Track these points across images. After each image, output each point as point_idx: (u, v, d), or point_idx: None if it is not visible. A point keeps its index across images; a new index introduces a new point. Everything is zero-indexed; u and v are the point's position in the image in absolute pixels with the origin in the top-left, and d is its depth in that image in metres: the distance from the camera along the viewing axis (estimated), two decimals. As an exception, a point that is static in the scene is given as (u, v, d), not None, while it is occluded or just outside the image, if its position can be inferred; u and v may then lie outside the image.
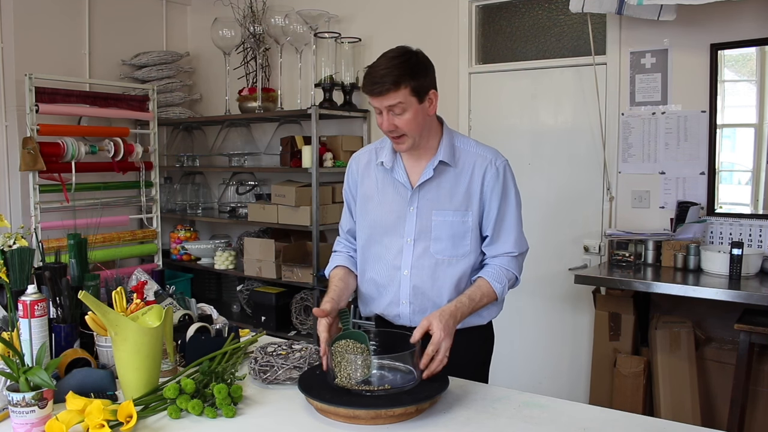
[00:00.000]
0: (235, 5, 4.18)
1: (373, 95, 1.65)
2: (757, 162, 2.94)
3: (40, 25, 3.89)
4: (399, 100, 1.64)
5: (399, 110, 1.65)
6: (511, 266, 1.78)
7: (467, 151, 1.78)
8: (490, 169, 1.75)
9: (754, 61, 2.94)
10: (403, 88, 1.63)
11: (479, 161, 1.77)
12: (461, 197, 1.75)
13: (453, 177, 1.76)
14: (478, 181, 1.75)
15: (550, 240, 3.40)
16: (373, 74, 1.64)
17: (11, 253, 1.77)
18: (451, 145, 1.78)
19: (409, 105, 1.65)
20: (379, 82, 1.62)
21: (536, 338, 3.53)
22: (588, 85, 3.26)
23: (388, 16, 3.87)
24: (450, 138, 1.79)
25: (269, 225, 3.91)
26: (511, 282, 1.79)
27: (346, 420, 1.37)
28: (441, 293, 1.77)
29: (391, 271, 1.80)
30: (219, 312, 2.14)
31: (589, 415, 1.43)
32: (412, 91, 1.65)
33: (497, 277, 1.75)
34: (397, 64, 1.64)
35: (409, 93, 1.64)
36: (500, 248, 1.79)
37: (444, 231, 1.75)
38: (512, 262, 1.79)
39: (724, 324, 2.89)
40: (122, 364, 1.47)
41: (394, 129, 1.68)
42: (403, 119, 1.66)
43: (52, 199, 3.69)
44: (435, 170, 1.75)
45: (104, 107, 3.95)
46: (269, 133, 4.32)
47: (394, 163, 1.80)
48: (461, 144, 1.80)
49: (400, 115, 1.66)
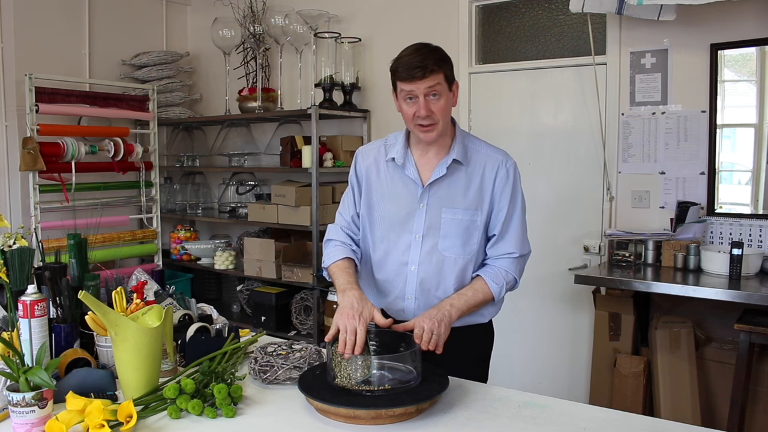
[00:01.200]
0: (235, 5, 4.18)
1: (415, 78, 1.67)
2: (757, 162, 2.94)
3: (40, 25, 3.89)
4: (438, 82, 1.68)
5: (437, 93, 1.69)
6: (510, 268, 1.79)
7: (478, 152, 1.81)
8: (501, 170, 1.78)
9: (754, 61, 2.94)
10: (441, 71, 1.69)
11: (490, 162, 1.79)
12: (472, 196, 1.78)
13: (465, 176, 1.78)
14: (490, 181, 1.78)
15: (550, 240, 3.40)
16: (412, 60, 1.68)
17: (11, 253, 1.77)
18: (463, 145, 1.80)
19: (443, 91, 1.71)
20: (420, 66, 1.66)
21: (536, 338, 3.53)
22: (588, 85, 3.26)
23: (388, 16, 3.87)
24: (462, 138, 1.82)
25: (269, 225, 3.91)
26: (509, 284, 1.81)
27: (346, 420, 1.38)
28: (446, 290, 1.79)
29: (398, 266, 1.82)
30: (219, 312, 2.14)
31: (589, 415, 1.43)
32: (446, 78, 1.70)
33: (495, 278, 1.77)
34: (431, 51, 1.69)
35: (443, 78, 1.70)
36: (502, 248, 1.80)
37: (453, 229, 1.77)
38: (512, 264, 1.80)
39: (724, 324, 2.89)
40: (122, 364, 1.47)
41: (430, 114, 1.70)
42: (438, 104, 1.70)
43: (52, 199, 3.69)
44: (448, 168, 1.77)
45: (104, 107, 3.95)
46: (269, 133, 4.32)
47: (406, 160, 1.81)
48: (472, 144, 1.83)
49: (436, 100, 1.69)
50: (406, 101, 1.72)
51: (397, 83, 1.72)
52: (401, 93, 1.72)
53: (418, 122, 1.72)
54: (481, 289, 1.76)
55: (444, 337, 1.62)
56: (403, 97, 1.72)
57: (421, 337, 1.57)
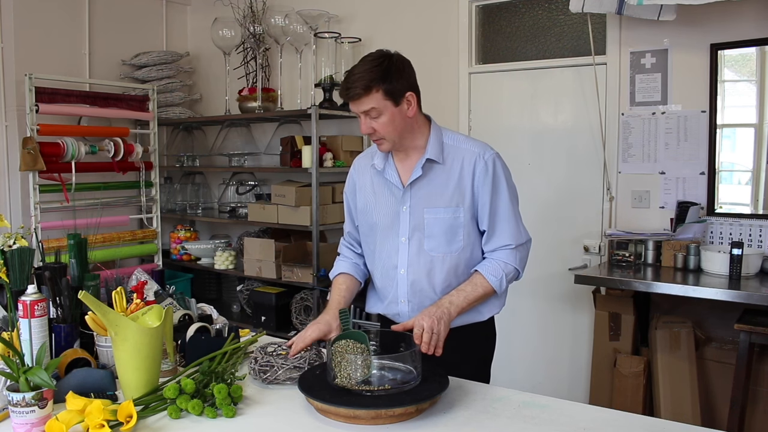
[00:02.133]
0: (235, 5, 4.18)
1: (350, 99, 1.69)
2: (757, 162, 2.94)
3: (40, 25, 3.89)
4: (372, 105, 1.67)
5: (375, 114, 1.69)
6: (509, 259, 1.78)
7: (456, 147, 1.79)
8: (479, 163, 1.76)
9: (754, 61, 2.94)
10: (374, 92, 1.66)
11: (468, 156, 1.77)
12: (451, 193, 1.77)
13: (442, 174, 1.78)
14: (468, 176, 1.77)
15: (550, 240, 3.40)
16: (347, 80, 1.69)
17: (11, 253, 1.77)
18: (439, 143, 1.78)
19: (385, 108, 1.68)
20: (351, 87, 1.67)
21: (536, 338, 3.53)
22: (588, 85, 3.26)
23: (388, 16, 3.87)
24: (438, 136, 1.80)
25: (269, 225, 3.90)
26: (510, 275, 1.79)
27: (346, 420, 1.38)
28: (438, 290, 1.79)
29: (389, 270, 1.83)
30: (219, 312, 2.14)
31: (589, 415, 1.43)
32: (386, 95, 1.67)
33: (492, 270, 1.76)
34: (369, 69, 1.66)
35: (382, 97, 1.67)
36: (497, 242, 1.79)
37: (436, 228, 1.77)
38: (510, 254, 1.78)
39: (724, 324, 2.89)
40: (122, 364, 1.47)
41: (373, 132, 1.72)
42: (379, 122, 1.70)
43: (52, 199, 3.69)
44: (423, 168, 1.77)
45: (104, 107, 3.95)
46: (269, 133, 4.32)
47: (386, 165, 1.83)
48: (450, 140, 1.81)
49: (377, 118, 1.70)
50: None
51: None
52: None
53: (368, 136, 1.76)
54: (481, 284, 1.75)
55: (444, 335, 1.62)
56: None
57: (420, 337, 1.57)
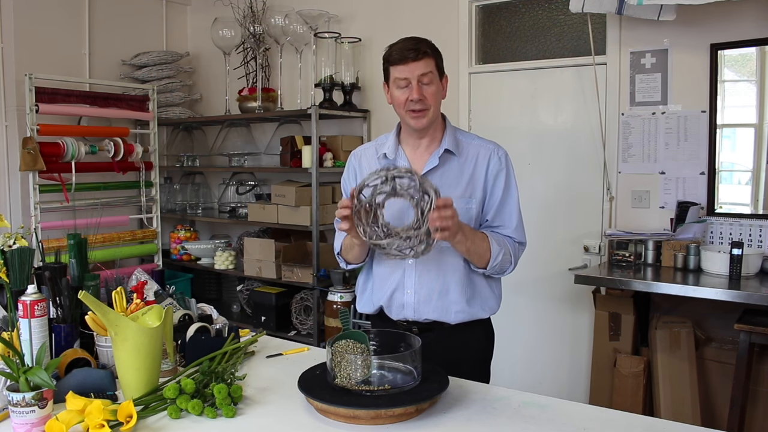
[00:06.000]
0: (235, 5, 4.18)
1: (408, 60, 1.71)
2: (757, 162, 2.94)
3: (40, 25, 3.89)
4: (430, 69, 1.72)
5: (426, 80, 1.73)
6: (512, 245, 1.81)
7: (470, 143, 1.85)
8: (493, 158, 1.82)
9: (754, 61, 2.94)
10: (433, 58, 1.74)
11: (482, 151, 1.83)
12: (465, 185, 1.80)
13: (457, 165, 1.81)
14: (482, 169, 1.81)
15: (550, 240, 3.39)
16: (405, 44, 1.73)
17: (11, 253, 1.77)
18: (454, 137, 1.83)
19: (435, 79, 1.75)
20: (415, 49, 1.71)
21: (536, 338, 3.53)
22: (588, 85, 3.26)
23: (388, 16, 3.87)
24: (453, 131, 1.86)
25: (269, 225, 3.91)
26: (507, 258, 1.77)
27: (346, 420, 1.37)
28: (446, 281, 1.79)
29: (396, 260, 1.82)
30: (219, 312, 2.14)
31: (589, 415, 1.43)
32: (437, 66, 1.75)
33: (499, 241, 1.77)
34: (424, 39, 1.75)
35: (435, 66, 1.74)
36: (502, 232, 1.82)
37: None
38: (513, 245, 1.82)
39: (724, 324, 2.89)
40: (122, 364, 1.47)
41: (423, 99, 1.73)
42: (430, 90, 1.74)
43: (52, 199, 3.69)
44: (440, 159, 1.79)
45: (104, 107, 3.95)
46: (269, 133, 4.32)
47: (397, 155, 1.84)
48: (463, 137, 1.87)
49: (428, 85, 1.73)
50: (398, 88, 1.75)
51: (390, 69, 1.76)
52: (394, 81, 1.75)
53: (410, 107, 1.74)
54: (485, 241, 1.75)
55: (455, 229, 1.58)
56: (396, 84, 1.75)
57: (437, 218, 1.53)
